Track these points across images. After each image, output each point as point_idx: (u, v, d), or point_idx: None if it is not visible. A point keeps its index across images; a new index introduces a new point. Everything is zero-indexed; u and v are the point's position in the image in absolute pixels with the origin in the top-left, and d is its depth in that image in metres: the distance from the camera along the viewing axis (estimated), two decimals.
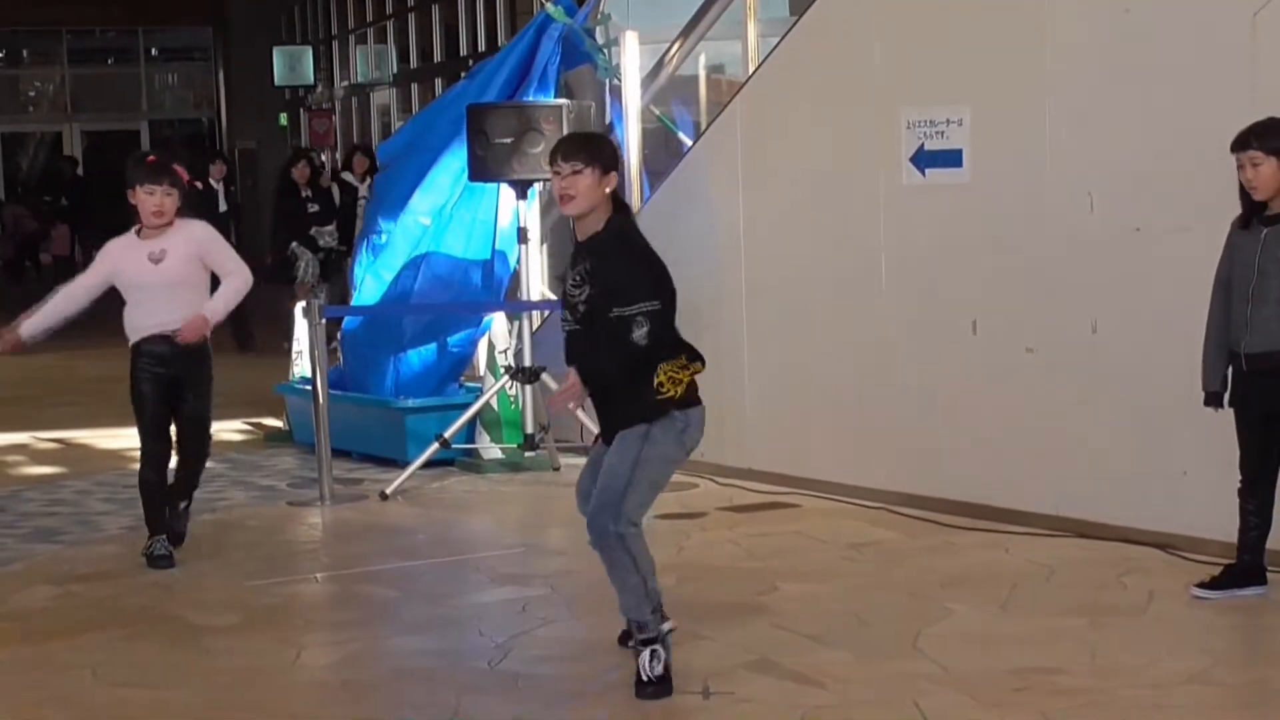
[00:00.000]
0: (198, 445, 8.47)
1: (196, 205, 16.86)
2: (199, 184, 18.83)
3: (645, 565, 6.19)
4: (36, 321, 8.31)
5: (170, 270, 8.20)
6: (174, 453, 8.44)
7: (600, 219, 6.19)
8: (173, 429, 8.38)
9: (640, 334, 6.01)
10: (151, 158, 8.50)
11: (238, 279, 8.30)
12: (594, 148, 6.22)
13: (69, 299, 8.35)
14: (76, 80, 38.61)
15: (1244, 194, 7.03)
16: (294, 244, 16.66)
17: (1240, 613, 7.09)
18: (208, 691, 6.40)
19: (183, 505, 8.55)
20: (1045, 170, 8.52)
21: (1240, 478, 7.17)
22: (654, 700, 6.07)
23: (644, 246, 6.21)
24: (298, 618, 7.56)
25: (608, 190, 6.19)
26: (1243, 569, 7.20)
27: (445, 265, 11.32)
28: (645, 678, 6.12)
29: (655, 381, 6.13)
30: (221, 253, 8.38)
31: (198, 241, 8.32)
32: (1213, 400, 7.18)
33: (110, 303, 8.40)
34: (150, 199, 8.18)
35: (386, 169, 12.21)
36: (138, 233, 8.29)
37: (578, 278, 6.15)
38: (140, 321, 8.28)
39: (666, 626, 6.24)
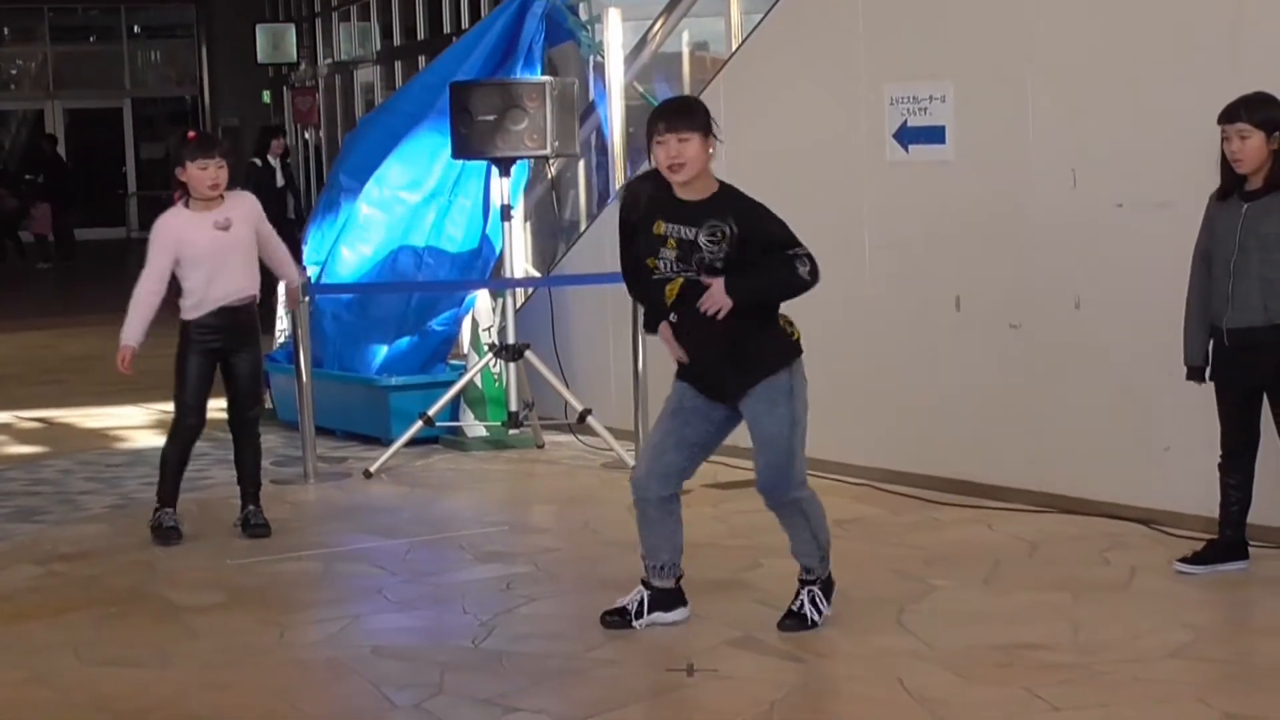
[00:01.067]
0: (245, 419, 8.56)
1: (257, 181, 17.58)
2: (258, 160, 19.23)
3: (816, 519, 6.56)
4: (136, 327, 8.28)
5: (239, 237, 8.37)
6: (233, 441, 8.64)
7: (712, 179, 6.40)
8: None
9: (805, 270, 6.32)
10: (193, 134, 8.55)
11: (290, 265, 8.96)
12: (695, 114, 6.39)
13: (152, 294, 8.29)
14: (59, 58, 38.43)
15: (1225, 166, 7.03)
16: None
17: (1222, 588, 7.10)
18: (191, 670, 6.39)
19: (252, 507, 8.61)
20: (1028, 146, 8.52)
21: (1221, 453, 7.18)
22: (792, 633, 6.48)
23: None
24: (281, 597, 7.55)
25: (711, 152, 6.37)
26: (1225, 544, 7.21)
27: (447, 259, 11.29)
28: (796, 610, 6.54)
29: (780, 324, 6.43)
30: (274, 234, 8.70)
31: (254, 213, 8.52)
32: (1195, 375, 7.19)
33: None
34: (204, 173, 8.26)
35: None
36: (185, 205, 8.35)
37: (713, 235, 6.26)
38: (211, 293, 8.32)
39: (684, 614, 6.67)
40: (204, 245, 8.27)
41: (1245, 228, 6.93)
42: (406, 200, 11.29)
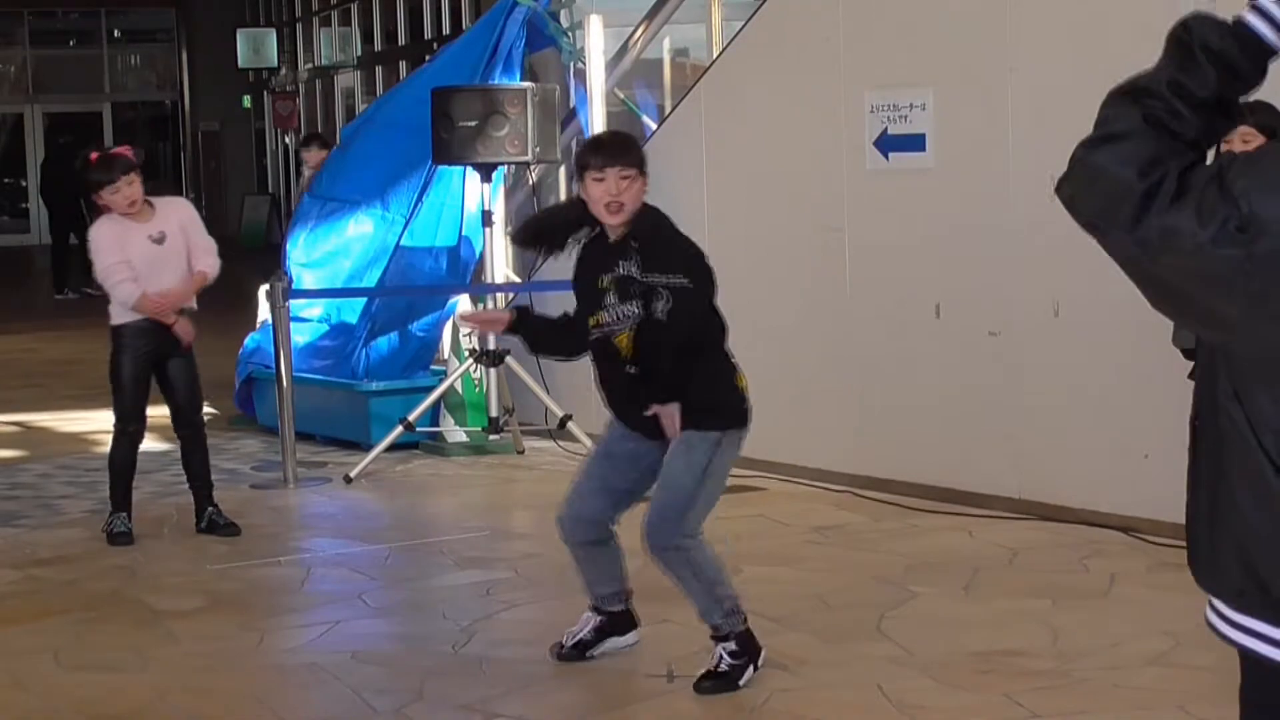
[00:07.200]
0: (192, 423, 8.54)
1: None
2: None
3: (709, 572, 6.03)
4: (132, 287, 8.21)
5: (173, 249, 8.29)
6: (177, 442, 8.62)
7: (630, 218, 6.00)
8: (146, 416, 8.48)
9: (660, 307, 5.81)
10: (95, 155, 8.42)
11: (213, 256, 8.46)
12: (636, 150, 6.04)
13: (123, 267, 8.19)
14: (38, 62, 38.33)
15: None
16: None
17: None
18: (170, 675, 6.38)
19: (211, 509, 8.64)
20: (1008, 154, 8.54)
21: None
22: (710, 695, 5.93)
23: (678, 232, 6.06)
24: (261, 601, 7.54)
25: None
26: None
27: (416, 254, 11.32)
28: (714, 668, 6.01)
29: (740, 385, 6.07)
30: (200, 231, 8.48)
31: (187, 218, 8.44)
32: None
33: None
34: (117, 196, 8.17)
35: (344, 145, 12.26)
36: (122, 215, 8.26)
37: (623, 285, 5.91)
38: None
39: (636, 636, 6.35)
40: (138, 256, 8.20)
41: None
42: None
